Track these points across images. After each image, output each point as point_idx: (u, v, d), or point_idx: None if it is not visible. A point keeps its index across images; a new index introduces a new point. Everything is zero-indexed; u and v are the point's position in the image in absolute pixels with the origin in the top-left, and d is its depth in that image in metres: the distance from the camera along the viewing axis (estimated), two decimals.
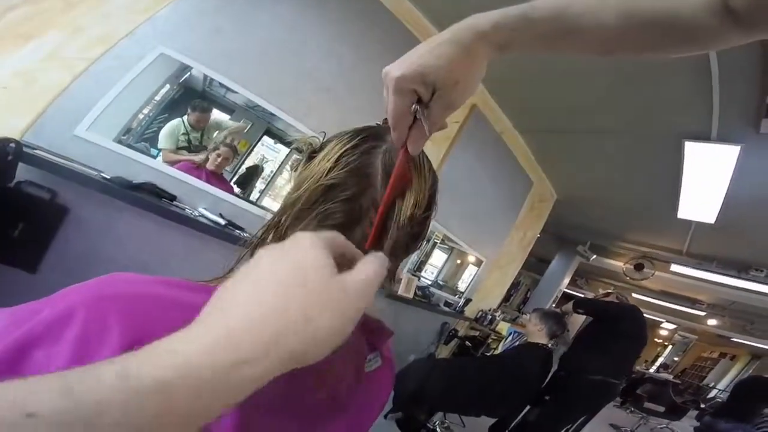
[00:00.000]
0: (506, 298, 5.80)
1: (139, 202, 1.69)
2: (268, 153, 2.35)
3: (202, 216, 2.01)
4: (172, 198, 1.93)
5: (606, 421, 5.02)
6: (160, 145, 1.99)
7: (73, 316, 0.29)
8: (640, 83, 2.41)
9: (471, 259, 4.06)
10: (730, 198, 3.16)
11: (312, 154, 0.47)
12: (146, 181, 1.83)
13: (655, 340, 12.84)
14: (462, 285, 4.16)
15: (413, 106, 0.39)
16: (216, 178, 2.16)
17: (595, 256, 6.18)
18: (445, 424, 2.83)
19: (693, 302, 7.71)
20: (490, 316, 4.22)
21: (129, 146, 1.90)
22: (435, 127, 0.41)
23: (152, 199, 1.78)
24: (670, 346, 13.16)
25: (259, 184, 2.36)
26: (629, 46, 0.42)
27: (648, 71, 2.28)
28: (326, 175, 0.42)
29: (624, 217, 4.94)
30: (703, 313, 8.13)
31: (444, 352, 3.97)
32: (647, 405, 5.01)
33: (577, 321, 4.62)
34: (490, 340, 4.05)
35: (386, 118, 0.48)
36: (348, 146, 0.44)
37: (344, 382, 0.45)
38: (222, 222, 2.05)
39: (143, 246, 1.92)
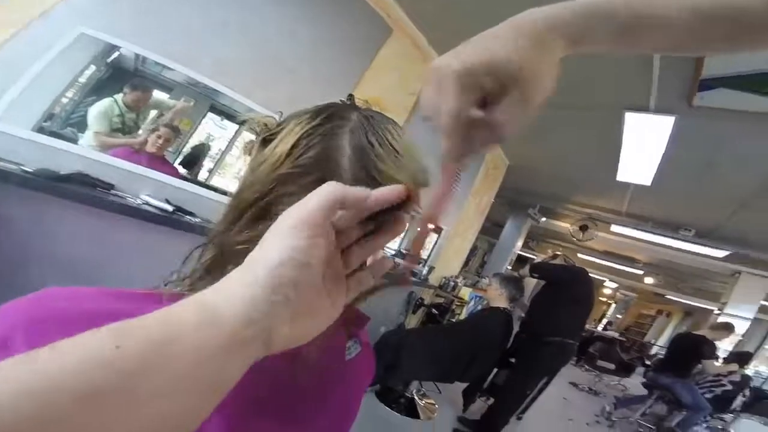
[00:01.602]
0: (465, 263, 6.04)
1: (70, 194, 1.51)
2: (215, 130, 2.19)
3: (146, 204, 1.86)
4: (109, 187, 1.76)
5: (566, 379, 5.41)
6: (91, 129, 1.77)
7: (9, 347, 0.26)
8: (588, 58, 2.47)
9: (431, 225, 4.14)
10: (663, 163, 3.43)
11: (268, 136, 0.42)
12: (76, 171, 1.64)
13: (600, 299, 13.75)
14: (424, 253, 4.27)
15: (476, 110, 0.31)
16: (158, 161, 1.98)
17: (544, 219, 6.55)
18: (422, 392, 2.95)
19: (632, 261, 8.50)
20: (452, 283, 4.38)
21: (53, 134, 1.68)
22: (509, 129, 0.32)
23: (86, 189, 1.61)
24: (614, 305, 14.41)
25: (207, 163, 2.22)
26: (706, 43, 0.36)
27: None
28: (284, 160, 0.37)
29: (570, 181, 5.24)
30: (640, 272, 9.02)
31: (413, 321, 4.11)
32: (600, 363, 5.46)
33: (530, 283, 4.95)
34: (454, 306, 4.23)
35: (351, 95, 0.45)
36: (308, 126, 0.39)
37: (326, 374, 0.44)
38: (169, 208, 1.91)
39: (82, 242, 1.75)
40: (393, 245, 3.05)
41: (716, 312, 5.92)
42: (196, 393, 0.20)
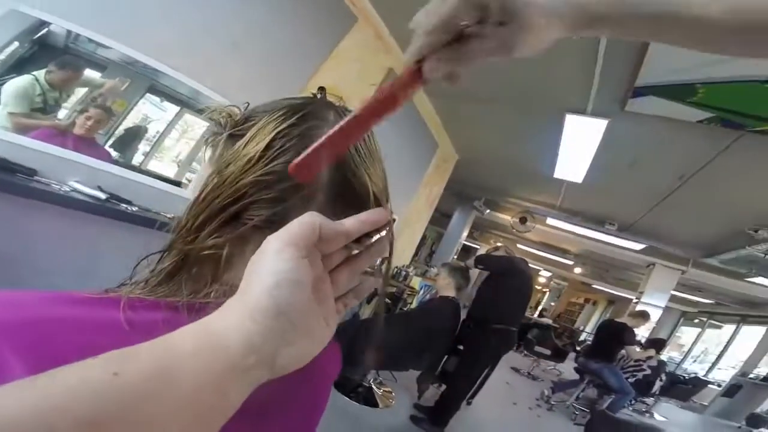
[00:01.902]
0: (415, 253, 6.18)
1: None
2: (153, 112, 2.02)
3: (75, 191, 1.66)
4: (31, 172, 1.55)
5: (508, 364, 5.73)
6: (8, 110, 1.54)
7: None
8: (536, 59, 2.60)
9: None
10: (594, 163, 3.75)
11: (235, 130, 0.39)
12: None
13: (536, 287, 14.81)
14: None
15: (468, 24, 0.29)
16: (86, 144, 1.77)
17: (488, 211, 6.90)
18: (378, 380, 3.00)
19: (564, 252, 9.24)
20: (404, 272, 4.47)
21: None
22: (476, 60, 0.31)
23: (4, 175, 1.40)
24: (548, 293, 15.57)
25: (143, 146, 2.04)
26: (735, 45, 0.36)
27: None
28: (256, 163, 0.35)
29: (513, 176, 5.57)
30: (571, 262, 9.83)
31: (367, 311, 4.14)
32: (537, 348, 5.83)
33: (475, 273, 5.19)
34: (405, 295, 4.32)
35: (321, 87, 0.43)
36: (283, 126, 0.36)
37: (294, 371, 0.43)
38: (102, 196, 1.74)
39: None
40: None
41: (635, 301, 6.64)
42: (196, 420, 0.20)
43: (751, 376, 7.04)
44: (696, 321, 10.99)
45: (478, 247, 9.62)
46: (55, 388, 0.17)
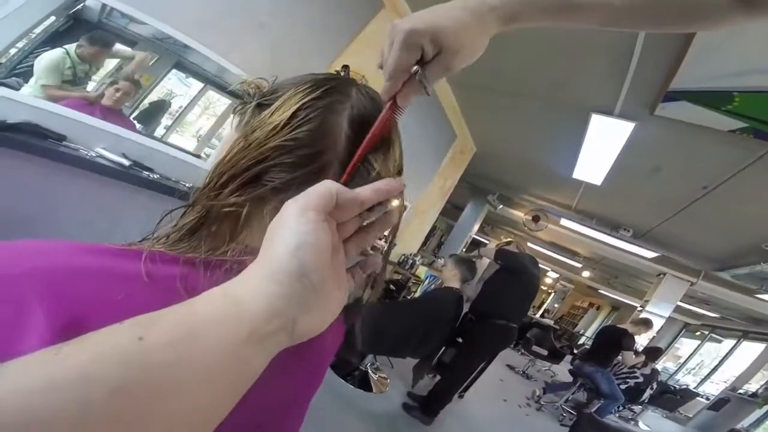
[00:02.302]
0: (424, 243, 6.19)
1: (18, 144, 1.36)
2: (178, 87, 2.06)
3: (101, 157, 1.71)
4: (61, 138, 1.59)
5: (504, 362, 5.75)
6: (40, 82, 1.58)
7: (24, 311, 0.24)
8: (566, 56, 2.54)
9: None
10: (615, 166, 3.67)
11: (264, 101, 0.41)
12: (24, 120, 1.47)
13: (542, 287, 14.72)
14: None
15: (415, 65, 0.38)
16: (113, 114, 1.83)
17: (501, 206, 6.84)
18: (375, 366, 3.04)
19: (573, 254, 9.12)
20: (411, 261, 4.49)
21: None
22: (430, 87, 0.40)
23: (35, 140, 1.45)
24: (553, 294, 15.42)
25: (165, 120, 2.09)
26: (633, 21, 0.43)
27: (577, 45, 2.40)
28: (281, 130, 0.37)
29: (529, 173, 5.48)
30: (579, 265, 9.71)
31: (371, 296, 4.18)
32: (534, 348, 5.81)
33: (481, 266, 5.18)
34: (410, 284, 4.34)
35: (345, 65, 0.46)
36: (308, 98, 0.38)
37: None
38: (126, 162, 1.79)
39: (28, 194, 1.59)
40: None
41: (639, 308, 6.58)
42: (221, 386, 0.20)
43: (741, 391, 6.98)
44: (698, 333, 10.86)
45: (487, 241, 9.57)
46: (83, 356, 0.17)
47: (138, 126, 1.96)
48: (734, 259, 4.77)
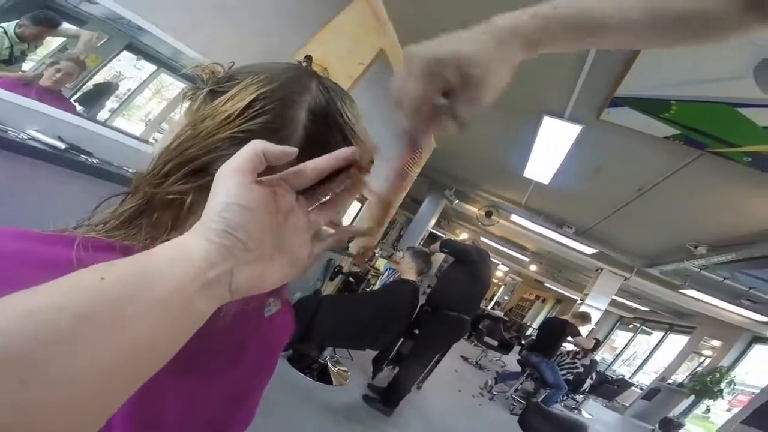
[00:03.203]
0: (384, 236, 6.22)
1: None
2: (128, 70, 1.92)
3: (33, 139, 1.54)
4: None
5: (458, 353, 5.97)
6: None
7: None
8: (525, 63, 2.65)
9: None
10: (562, 167, 3.91)
11: (217, 88, 0.39)
12: None
13: (493, 280, 15.46)
14: (346, 221, 4.28)
15: (439, 98, 0.35)
16: (51, 95, 1.67)
17: (457, 201, 7.04)
18: (335, 358, 3.04)
19: (522, 249, 9.60)
20: (371, 253, 4.50)
21: None
22: (467, 119, 0.37)
23: None
24: (503, 286, 16.18)
25: (111, 103, 1.95)
26: (654, 39, 0.43)
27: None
28: (233, 120, 0.36)
29: (484, 170, 5.70)
30: (527, 259, 10.25)
31: (329, 288, 4.13)
32: (486, 339, 6.08)
33: (437, 260, 5.32)
34: (369, 276, 4.35)
35: (308, 56, 0.44)
36: (265, 89, 0.37)
37: (242, 327, 0.44)
38: (61, 146, 1.64)
39: None
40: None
41: (579, 302, 7.07)
42: (173, 318, 0.23)
43: (669, 381, 7.69)
44: (630, 326, 11.89)
45: (443, 235, 9.81)
46: (53, 292, 0.20)
47: (79, 108, 1.80)
48: (662, 256, 5.27)
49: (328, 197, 0.34)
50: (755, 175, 2.70)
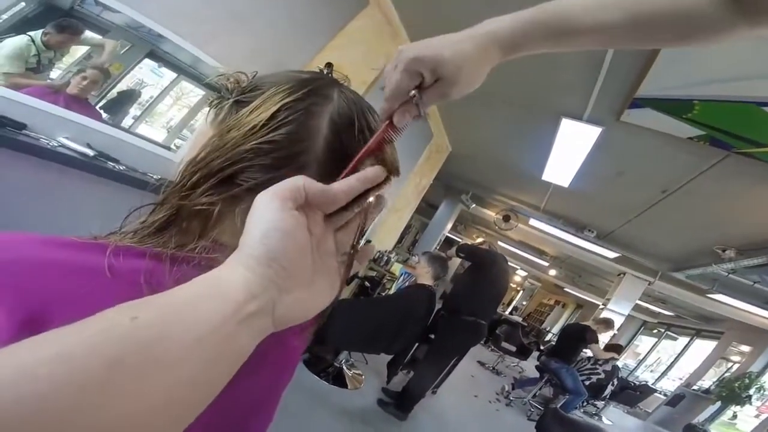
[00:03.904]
0: (399, 240, 6.22)
1: None
2: (149, 77, 2.00)
3: (63, 146, 1.62)
4: (20, 126, 1.49)
5: (474, 358, 5.89)
6: (3, 69, 1.50)
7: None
8: (540, 63, 2.62)
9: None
10: (582, 169, 3.83)
11: (242, 97, 0.40)
12: None
13: (511, 285, 15.06)
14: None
15: (413, 90, 0.39)
16: (78, 103, 1.75)
17: (474, 205, 6.97)
18: (350, 362, 3.04)
19: (541, 253, 9.43)
20: (386, 257, 4.51)
21: None
22: (425, 109, 0.42)
23: None
24: (521, 291, 15.91)
25: (134, 110, 2.02)
26: (630, 40, 0.44)
27: (551, 54, 2.47)
28: (258, 131, 0.36)
29: (501, 174, 5.63)
30: (546, 264, 10.05)
31: (345, 292, 4.16)
32: (504, 344, 5.99)
33: (453, 265, 5.27)
34: (385, 280, 4.36)
35: (329, 63, 0.46)
36: (289, 99, 0.38)
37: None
38: (90, 153, 1.72)
39: None
40: None
41: (601, 306, 6.88)
42: (209, 360, 0.22)
43: (695, 387, 7.39)
44: (655, 331, 11.48)
45: (460, 239, 9.74)
46: (83, 334, 0.19)
47: (104, 116, 1.88)
48: (688, 260, 5.08)
49: (352, 217, 0.35)
50: None
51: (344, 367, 2.87)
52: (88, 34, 1.69)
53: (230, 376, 0.23)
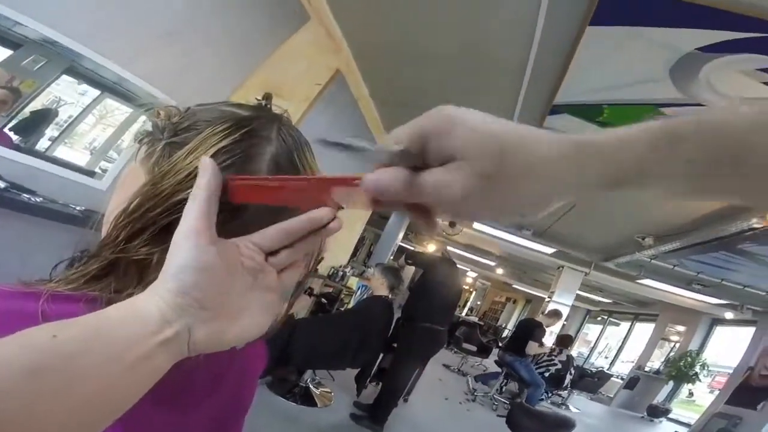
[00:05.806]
0: (354, 254, 6.19)
1: None
2: (69, 95, 1.82)
3: None
4: None
5: (439, 361, 5.97)
6: None
7: None
8: (469, 73, 2.78)
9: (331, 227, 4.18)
10: None
11: (176, 137, 0.37)
12: None
13: (464, 287, 15.71)
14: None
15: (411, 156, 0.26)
16: None
17: None
18: (316, 380, 2.97)
19: (487, 254, 9.86)
20: (341, 272, 4.47)
21: None
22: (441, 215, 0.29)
23: None
24: (474, 292, 16.51)
25: (51, 131, 1.83)
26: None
27: (477, 62, 2.60)
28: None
29: None
30: (493, 263, 10.53)
31: (302, 311, 4.05)
32: (464, 345, 6.18)
33: (407, 273, 5.35)
34: (342, 296, 4.31)
35: (268, 94, 0.43)
36: (227, 142, 0.35)
37: (215, 360, 0.42)
38: (1, 185, 1.53)
39: None
40: None
41: (547, 300, 7.33)
42: (126, 374, 0.23)
43: (647, 369, 8.02)
44: (599, 318, 12.40)
45: (412, 248, 9.90)
46: (6, 347, 0.20)
47: (15, 138, 1.68)
48: (615, 249, 5.58)
49: (298, 257, 0.34)
50: None
51: (311, 386, 2.81)
52: None
53: (146, 389, 0.25)
